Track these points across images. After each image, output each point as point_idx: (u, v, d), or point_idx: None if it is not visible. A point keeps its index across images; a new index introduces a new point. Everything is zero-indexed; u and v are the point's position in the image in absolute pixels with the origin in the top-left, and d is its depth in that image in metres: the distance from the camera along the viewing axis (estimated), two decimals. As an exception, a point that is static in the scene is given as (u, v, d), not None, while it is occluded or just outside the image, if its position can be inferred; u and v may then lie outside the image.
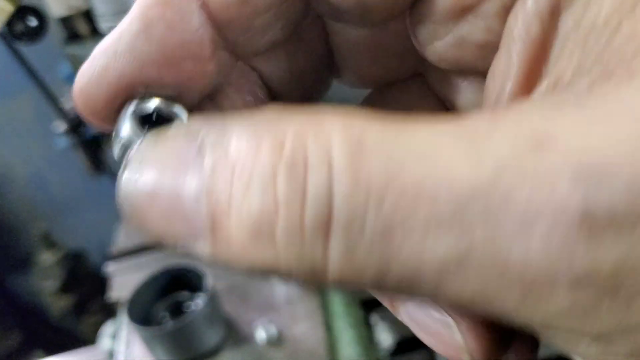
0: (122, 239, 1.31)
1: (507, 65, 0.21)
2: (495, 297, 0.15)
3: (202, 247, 0.18)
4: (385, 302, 0.25)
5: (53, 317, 2.01)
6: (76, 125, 1.48)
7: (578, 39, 0.18)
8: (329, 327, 1.04)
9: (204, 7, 0.22)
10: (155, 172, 0.19)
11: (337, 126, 0.16)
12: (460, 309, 0.17)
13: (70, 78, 1.38)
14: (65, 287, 1.95)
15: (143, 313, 1.03)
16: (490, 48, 0.22)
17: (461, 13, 0.22)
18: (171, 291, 1.07)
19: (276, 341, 1.01)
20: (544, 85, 0.19)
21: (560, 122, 0.15)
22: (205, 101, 0.25)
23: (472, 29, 0.23)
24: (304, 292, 1.08)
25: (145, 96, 0.22)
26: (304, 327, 1.04)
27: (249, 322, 1.05)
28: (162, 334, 0.96)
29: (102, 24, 0.90)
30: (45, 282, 1.97)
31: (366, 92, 0.32)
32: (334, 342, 1.01)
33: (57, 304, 1.97)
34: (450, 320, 0.22)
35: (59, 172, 1.89)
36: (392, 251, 0.15)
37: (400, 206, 0.15)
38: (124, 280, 1.18)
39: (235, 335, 1.04)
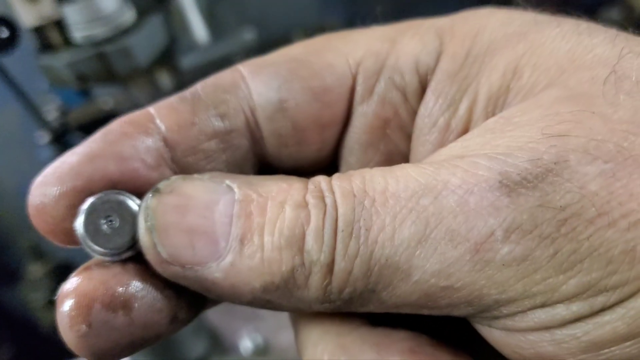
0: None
1: (424, 152, 0.28)
2: (453, 267, 0.20)
3: (216, 269, 0.22)
4: None
5: (44, 330, 1.99)
6: (60, 135, 1.46)
7: (477, 114, 0.26)
8: (315, 335, 1.02)
9: (160, 127, 0.26)
10: (187, 194, 0.22)
11: (336, 175, 0.23)
12: (431, 301, 0.21)
13: (52, 89, 1.36)
14: (55, 299, 1.92)
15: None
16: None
17: (383, 126, 0.28)
18: (154, 302, 1.05)
19: (262, 350, 1.00)
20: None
21: (471, 148, 0.22)
22: None
23: (396, 141, 0.29)
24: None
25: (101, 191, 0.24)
26: (291, 335, 1.02)
27: (234, 332, 1.03)
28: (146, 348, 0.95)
29: (75, 33, 0.89)
30: (34, 294, 1.94)
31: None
32: (321, 350, 1.00)
33: (48, 316, 1.95)
34: None
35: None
36: (372, 242, 0.20)
37: (374, 206, 0.20)
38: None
39: (221, 345, 1.03)
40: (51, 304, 1.92)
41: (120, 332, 0.23)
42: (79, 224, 0.23)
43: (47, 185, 0.24)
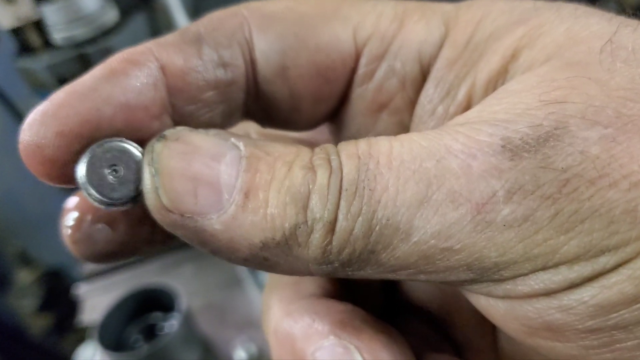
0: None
1: None
2: (453, 228, 0.19)
3: (216, 221, 0.21)
4: None
5: (33, 337, 1.95)
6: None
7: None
8: (311, 343, 1.00)
9: (162, 71, 0.25)
10: (195, 144, 0.22)
11: (343, 142, 0.23)
12: (430, 264, 0.21)
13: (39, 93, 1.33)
14: (44, 306, 1.89)
15: (115, 337, 0.98)
16: None
17: (378, 110, 0.29)
18: (143, 313, 1.02)
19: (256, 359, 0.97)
20: None
21: (471, 114, 0.22)
22: None
23: (388, 125, 0.29)
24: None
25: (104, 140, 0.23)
26: (286, 343, 0.99)
27: (228, 342, 1.00)
28: (136, 359, 0.92)
29: (55, 35, 0.85)
30: (23, 301, 1.91)
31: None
32: (317, 358, 0.97)
33: (37, 323, 1.92)
34: None
35: (31, 188, 1.83)
36: (375, 201, 0.20)
37: (378, 167, 0.21)
38: (96, 302, 1.13)
39: (214, 356, 0.99)
40: (40, 310, 1.89)
41: (102, 244, 0.27)
42: (81, 172, 0.23)
43: (42, 124, 0.23)
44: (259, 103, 0.29)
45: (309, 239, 0.21)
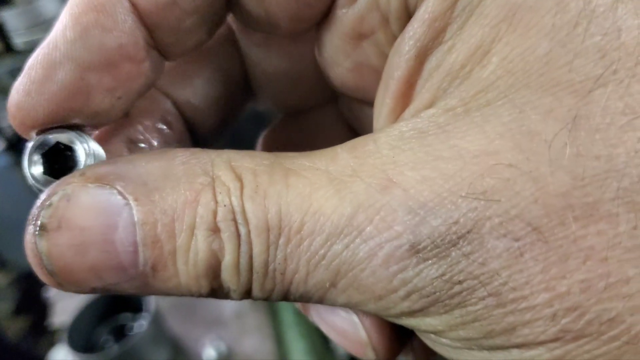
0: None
1: (383, 97, 0.26)
2: (359, 305, 0.21)
3: (130, 287, 0.21)
4: (297, 305, 0.30)
5: (9, 340, 1.94)
6: (15, 142, 1.42)
7: (437, 78, 0.23)
8: (279, 339, 1.01)
9: (134, 9, 0.23)
10: (80, 226, 0.20)
11: (248, 194, 0.21)
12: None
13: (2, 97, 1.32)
14: (19, 309, 1.88)
15: (85, 338, 0.99)
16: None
17: (358, 38, 0.27)
18: (113, 314, 1.03)
19: (226, 358, 0.98)
20: (408, 113, 0.24)
21: (399, 169, 0.20)
22: (121, 128, 0.27)
23: (368, 55, 0.27)
24: (253, 304, 1.05)
25: (51, 129, 0.23)
26: (254, 340, 1.01)
27: (197, 340, 1.01)
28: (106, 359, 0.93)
29: (16, 40, 0.85)
30: (-2, 304, 1.90)
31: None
32: (285, 354, 0.99)
33: (13, 326, 1.91)
34: (355, 318, 0.26)
35: (4, 191, 1.82)
36: (287, 282, 0.21)
37: (289, 246, 0.21)
38: (66, 305, 1.13)
39: (183, 355, 1.01)
40: (16, 313, 1.88)
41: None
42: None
43: (31, 102, 0.22)
44: (240, 16, 0.27)
45: (227, 296, 0.23)
